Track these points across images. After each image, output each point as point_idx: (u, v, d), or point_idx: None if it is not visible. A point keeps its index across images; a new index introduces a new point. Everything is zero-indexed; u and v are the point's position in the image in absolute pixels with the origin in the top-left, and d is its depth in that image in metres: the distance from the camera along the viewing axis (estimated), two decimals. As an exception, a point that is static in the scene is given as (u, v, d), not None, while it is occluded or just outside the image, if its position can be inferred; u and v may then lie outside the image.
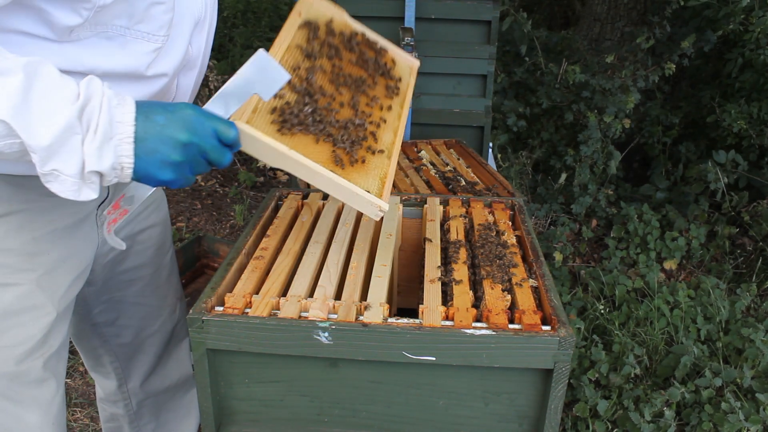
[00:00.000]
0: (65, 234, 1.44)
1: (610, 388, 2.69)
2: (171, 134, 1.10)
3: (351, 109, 1.49)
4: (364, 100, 1.53)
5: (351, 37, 1.59)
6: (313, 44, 1.51)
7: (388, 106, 1.57)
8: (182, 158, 1.12)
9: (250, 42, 5.83)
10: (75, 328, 1.83)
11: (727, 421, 2.45)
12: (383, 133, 1.52)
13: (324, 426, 1.41)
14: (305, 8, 1.55)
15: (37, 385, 1.43)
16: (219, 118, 1.18)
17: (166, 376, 1.95)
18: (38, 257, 1.39)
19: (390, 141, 1.52)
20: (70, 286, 1.48)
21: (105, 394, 1.96)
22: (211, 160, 1.17)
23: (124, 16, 1.18)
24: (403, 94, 1.63)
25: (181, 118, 1.12)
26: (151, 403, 1.97)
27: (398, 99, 1.61)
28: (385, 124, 1.53)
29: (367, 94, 1.54)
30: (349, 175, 1.38)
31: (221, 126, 1.16)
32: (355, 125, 1.46)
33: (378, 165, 1.46)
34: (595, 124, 3.89)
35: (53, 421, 1.48)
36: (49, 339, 1.43)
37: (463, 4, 3.10)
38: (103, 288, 1.71)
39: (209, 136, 1.14)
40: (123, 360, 1.88)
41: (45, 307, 1.41)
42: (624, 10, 4.51)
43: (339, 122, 1.44)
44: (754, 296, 3.30)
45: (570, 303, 3.21)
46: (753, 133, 3.83)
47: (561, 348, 1.25)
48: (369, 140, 1.47)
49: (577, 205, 3.90)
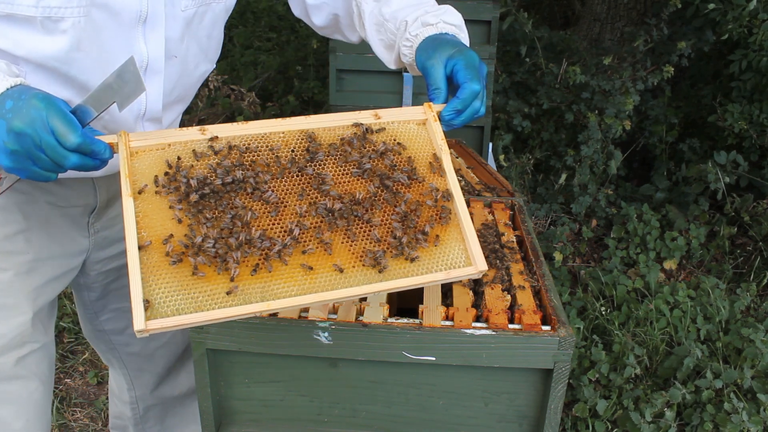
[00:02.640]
0: (44, 236, 1.44)
1: (610, 388, 2.69)
2: (9, 121, 1.08)
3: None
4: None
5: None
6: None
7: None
8: (16, 147, 1.09)
9: (249, 42, 5.82)
10: (84, 329, 1.83)
11: (730, 421, 2.45)
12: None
13: (324, 426, 1.41)
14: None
15: (8, 382, 1.42)
16: (67, 117, 1.10)
17: (177, 385, 1.95)
18: (13, 256, 1.39)
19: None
20: (48, 287, 1.47)
21: (118, 391, 1.97)
22: (50, 157, 1.10)
23: None
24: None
25: (24, 107, 1.08)
26: (158, 409, 1.98)
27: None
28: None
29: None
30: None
31: (60, 126, 1.08)
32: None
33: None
34: (596, 124, 3.89)
35: (29, 417, 1.47)
36: (25, 338, 1.43)
37: (463, 4, 3.10)
38: (109, 297, 1.71)
39: (44, 132, 1.08)
40: (132, 369, 1.88)
41: (19, 306, 1.41)
42: (624, 10, 4.51)
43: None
44: (753, 296, 3.30)
45: (570, 303, 3.21)
46: (754, 134, 3.83)
47: (561, 348, 1.25)
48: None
49: (577, 205, 3.90)
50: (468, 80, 1.31)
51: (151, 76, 1.38)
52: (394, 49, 1.49)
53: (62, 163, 1.10)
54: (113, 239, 1.60)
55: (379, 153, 1.30)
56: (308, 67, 5.35)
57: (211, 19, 1.45)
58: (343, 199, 1.24)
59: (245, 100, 5.06)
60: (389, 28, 1.48)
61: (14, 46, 1.21)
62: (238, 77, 5.41)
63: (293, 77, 5.34)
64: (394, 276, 1.19)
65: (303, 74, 5.33)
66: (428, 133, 1.34)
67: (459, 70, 1.32)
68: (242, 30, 5.92)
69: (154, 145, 1.22)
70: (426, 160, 1.31)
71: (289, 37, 5.73)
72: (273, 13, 6.04)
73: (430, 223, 1.24)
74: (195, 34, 1.42)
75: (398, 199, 1.26)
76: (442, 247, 1.24)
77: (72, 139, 1.09)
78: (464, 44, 1.40)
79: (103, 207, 1.53)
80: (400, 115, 1.36)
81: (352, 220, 1.23)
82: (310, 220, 1.21)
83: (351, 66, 3.25)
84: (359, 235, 1.22)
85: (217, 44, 1.52)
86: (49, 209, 1.44)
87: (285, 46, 5.72)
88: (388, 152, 1.31)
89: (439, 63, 1.34)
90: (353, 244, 1.20)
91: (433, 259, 1.22)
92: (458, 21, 1.46)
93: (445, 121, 1.33)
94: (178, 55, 1.40)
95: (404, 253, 1.21)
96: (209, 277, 1.11)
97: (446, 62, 1.34)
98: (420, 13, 1.43)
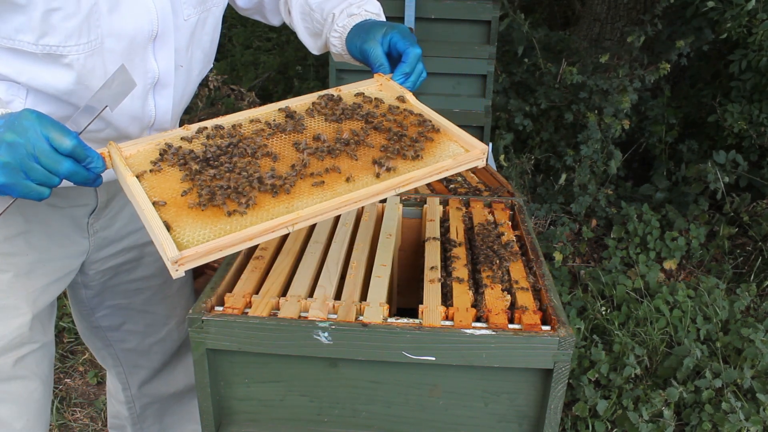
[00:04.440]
0: (44, 238, 1.44)
1: (609, 388, 2.69)
2: (0, 135, 1.09)
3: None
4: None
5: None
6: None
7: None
8: (8, 159, 1.08)
9: (249, 42, 5.83)
10: (78, 326, 1.83)
11: (728, 421, 2.45)
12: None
13: (324, 426, 1.41)
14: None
15: (7, 382, 1.43)
16: (58, 125, 1.12)
17: (173, 382, 1.95)
18: (13, 258, 1.39)
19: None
20: (48, 288, 1.48)
21: (114, 390, 1.97)
22: (44, 165, 1.11)
23: (27, 30, 1.17)
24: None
25: (16, 120, 1.10)
26: (155, 407, 1.98)
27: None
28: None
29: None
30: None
31: (54, 132, 1.10)
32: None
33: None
34: (595, 124, 3.89)
35: (29, 417, 1.48)
36: (24, 339, 1.43)
37: (462, 4, 3.10)
38: (105, 294, 1.71)
39: (37, 139, 1.09)
40: (126, 365, 1.88)
41: (19, 307, 1.42)
42: (624, 10, 4.51)
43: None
44: (753, 296, 3.30)
45: (570, 303, 3.21)
46: (753, 134, 3.83)
47: (561, 348, 1.25)
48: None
49: (577, 205, 3.90)
50: (409, 46, 1.45)
51: (161, 90, 1.39)
52: (321, 38, 1.63)
53: (56, 169, 1.11)
54: (112, 239, 1.60)
55: (353, 107, 1.44)
56: (308, 67, 5.35)
57: (212, 24, 1.45)
58: (340, 138, 1.35)
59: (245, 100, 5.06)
60: (315, 17, 1.60)
61: (17, 74, 1.23)
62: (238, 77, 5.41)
63: (293, 77, 5.34)
64: (407, 171, 1.28)
65: (303, 74, 5.34)
66: (387, 91, 1.49)
67: (397, 41, 1.46)
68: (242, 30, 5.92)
69: (144, 148, 1.29)
70: (393, 102, 1.46)
71: (289, 37, 5.73)
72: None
73: (420, 135, 1.37)
74: (199, 41, 1.43)
75: (385, 126, 1.40)
76: (439, 145, 1.36)
77: (67, 142, 1.11)
78: (390, 22, 1.54)
79: (102, 207, 1.54)
80: (359, 85, 1.52)
81: (353, 148, 1.34)
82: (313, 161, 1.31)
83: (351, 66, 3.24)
84: (362, 156, 1.32)
85: (216, 45, 1.53)
86: (50, 211, 1.44)
87: (285, 46, 5.72)
88: (360, 107, 1.45)
89: (376, 42, 1.46)
90: (359, 162, 1.31)
91: (435, 153, 1.34)
92: (377, 10, 1.60)
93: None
94: (183, 65, 1.41)
95: (408, 154, 1.31)
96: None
97: (381, 40, 1.47)
98: (345, 5, 1.55)
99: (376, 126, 1.40)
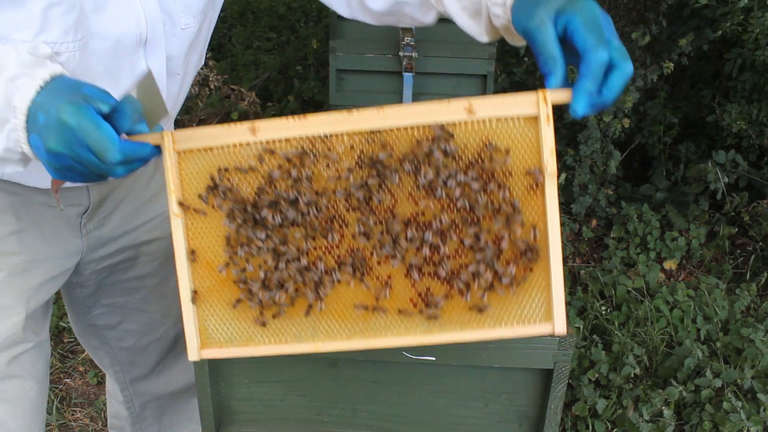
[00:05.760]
0: (38, 237, 1.43)
1: (609, 388, 2.69)
2: (45, 141, 0.98)
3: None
4: None
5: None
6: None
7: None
8: (59, 165, 1.01)
9: (249, 42, 5.83)
10: (74, 326, 1.83)
11: (729, 420, 2.45)
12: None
13: (324, 426, 1.41)
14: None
15: (2, 381, 1.42)
16: (100, 132, 0.95)
17: (171, 381, 1.95)
18: (6, 257, 1.39)
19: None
20: (42, 288, 1.47)
21: (113, 390, 1.97)
22: (95, 173, 1.01)
23: (24, 26, 1.12)
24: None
25: (54, 124, 0.96)
26: (154, 407, 1.97)
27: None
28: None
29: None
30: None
31: (95, 144, 0.95)
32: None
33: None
34: (595, 123, 3.89)
35: (25, 416, 1.47)
36: (18, 338, 1.43)
37: (463, 4, 3.09)
38: (101, 292, 1.71)
39: (82, 150, 0.97)
40: (123, 364, 1.88)
41: (12, 307, 1.41)
42: (624, 10, 4.51)
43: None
44: (753, 296, 3.30)
45: (570, 303, 3.21)
46: (753, 134, 3.83)
47: (561, 348, 1.25)
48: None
49: (577, 205, 3.90)
50: (591, 47, 0.94)
51: None
52: (481, 16, 1.19)
53: (110, 175, 1.03)
54: (106, 239, 1.59)
55: (466, 167, 1.00)
56: (308, 67, 5.35)
57: (208, 27, 1.45)
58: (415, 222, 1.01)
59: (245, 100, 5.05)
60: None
61: None
62: (238, 77, 5.40)
63: (293, 77, 5.34)
64: (451, 327, 1.03)
65: (303, 74, 5.33)
66: (535, 136, 0.99)
67: (575, 30, 0.96)
68: (242, 30, 5.92)
69: (198, 148, 1.07)
70: (522, 175, 0.99)
71: (289, 37, 5.73)
72: (273, 13, 6.05)
73: (514, 262, 0.99)
74: (196, 48, 1.42)
75: (480, 226, 1.00)
76: (519, 293, 1.01)
77: (110, 158, 0.96)
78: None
79: (95, 207, 1.52)
80: (503, 108, 0.99)
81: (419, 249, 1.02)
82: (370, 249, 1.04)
83: (351, 66, 3.24)
84: (425, 270, 1.03)
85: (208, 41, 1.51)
86: (44, 210, 1.43)
87: (285, 46, 5.72)
88: (474, 164, 1.00)
89: (547, 21, 0.98)
90: (415, 283, 1.04)
91: (503, 308, 1.02)
92: None
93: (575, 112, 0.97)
94: (180, 73, 1.39)
95: (471, 301, 1.01)
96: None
97: (555, 19, 0.98)
98: None
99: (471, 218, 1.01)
